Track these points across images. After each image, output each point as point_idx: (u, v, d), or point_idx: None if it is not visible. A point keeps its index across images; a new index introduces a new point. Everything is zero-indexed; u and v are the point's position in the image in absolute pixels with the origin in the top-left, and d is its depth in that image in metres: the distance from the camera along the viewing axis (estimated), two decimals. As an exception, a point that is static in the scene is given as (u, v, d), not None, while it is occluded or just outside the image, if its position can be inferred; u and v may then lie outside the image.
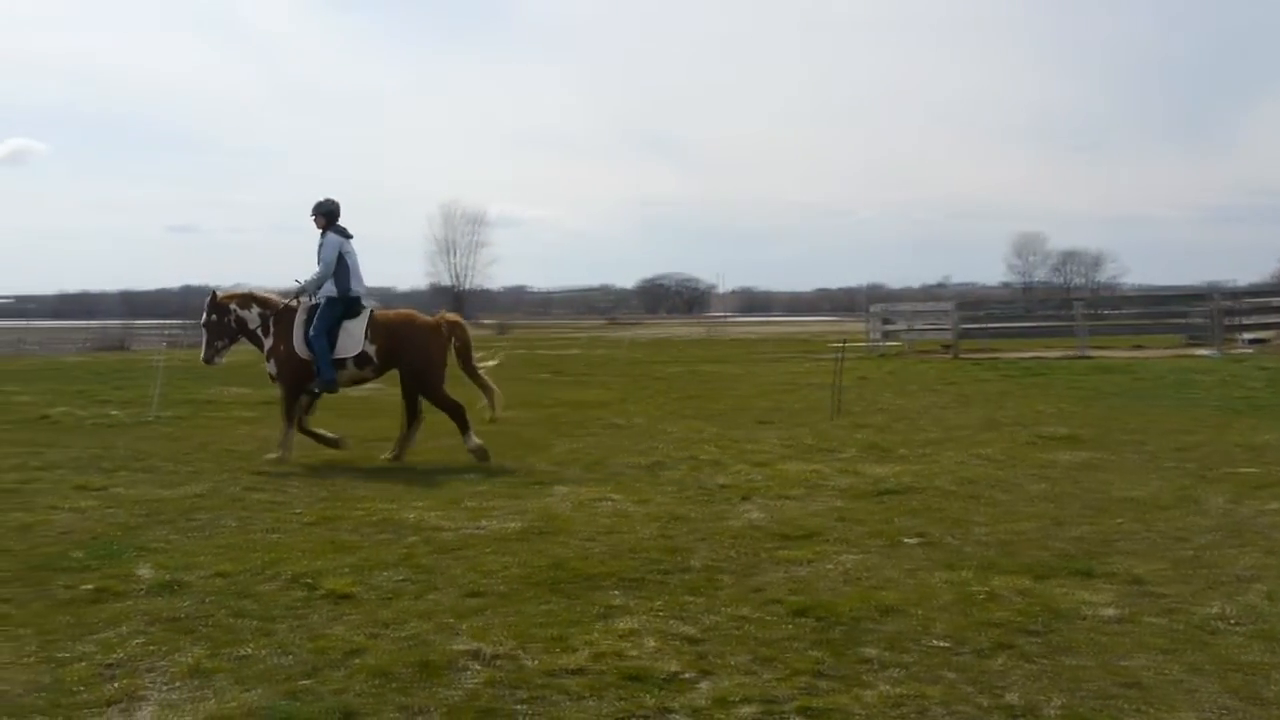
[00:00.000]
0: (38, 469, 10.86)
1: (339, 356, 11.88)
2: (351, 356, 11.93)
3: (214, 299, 12.32)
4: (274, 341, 12.10)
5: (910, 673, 5.04)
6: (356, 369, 12.06)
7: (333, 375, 11.88)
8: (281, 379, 12.08)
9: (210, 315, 12.30)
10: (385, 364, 12.12)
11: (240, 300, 12.30)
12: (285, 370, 12.01)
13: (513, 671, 5.03)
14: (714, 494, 9.53)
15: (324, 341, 11.81)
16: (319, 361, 11.82)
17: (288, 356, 11.97)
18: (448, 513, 8.64)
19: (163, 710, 4.60)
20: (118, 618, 5.86)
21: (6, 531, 7.92)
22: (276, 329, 12.12)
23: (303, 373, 11.96)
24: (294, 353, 11.93)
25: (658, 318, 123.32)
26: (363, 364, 12.02)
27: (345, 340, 11.91)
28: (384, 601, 6.17)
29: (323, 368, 11.83)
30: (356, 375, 12.17)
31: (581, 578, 6.64)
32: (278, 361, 12.07)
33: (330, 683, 4.89)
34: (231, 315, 12.25)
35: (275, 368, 12.11)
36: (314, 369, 11.89)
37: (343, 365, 11.94)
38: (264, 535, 7.90)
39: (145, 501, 9.14)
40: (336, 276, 11.94)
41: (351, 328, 11.96)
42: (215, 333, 12.30)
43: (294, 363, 11.95)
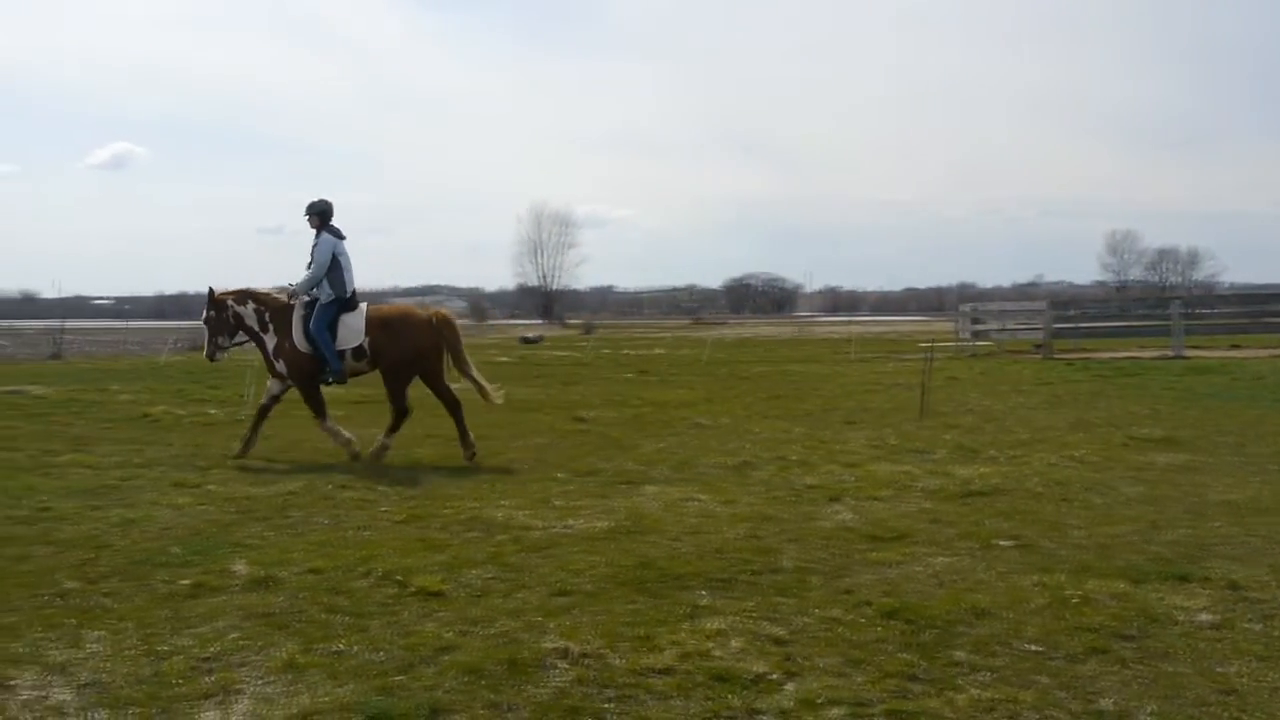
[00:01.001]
0: (139, 466, 11.13)
1: (340, 348, 12.16)
2: (351, 348, 12.22)
3: (212, 296, 12.60)
4: (278, 339, 12.38)
5: (1001, 677, 4.96)
6: (355, 361, 12.32)
7: (340, 366, 12.15)
8: (293, 378, 12.36)
9: (209, 312, 12.59)
10: (378, 355, 12.33)
11: (237, 297, 12.55)
12: (294, 367, 12.29)
13: (600, 670, 5.05)
14: (802, 494, 9.48)
15: (326, 335, 12.10)
16: (324, 352, 12.10)
17: (293, 353, 12.26)
18: (536, 511, 8.69)
19: (258, 704, 4.68)
20: (214, 612, 5.98)
21: (109, 527, 8.12)
22: (276, 326, 12.41)
23: (311, 367, 12.25)
24: (296, 348, 12.22)
25: (744, 317, 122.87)
26: (359, 356, 12.29)
27: (345, 333, 12.19)
28: (473, 599, 6.22)
29: (329, 358, 12.11)
30: (354, 367, 12.41)
31: (669, 577, 6.64)
32: (286, 360, 12.34)
33: (421, 679, 4.94)
34: (229, 311, 12.52)
35: (285, 367, 12.38)
36: (320, 362, 12.17)
37: (343, 357, 12.22)
38: (355, 532, 8.02)
39: (240, 499, 9.33)
40: (331, 278, 12.21)
41: (351, 321, 12.24)
42: (216, 329, 12.58)
43: (300, 358, 12.24)
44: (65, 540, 7.69)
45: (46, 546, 7.50)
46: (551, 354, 39.52)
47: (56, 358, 34.73)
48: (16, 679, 4.94)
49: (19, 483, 9.91)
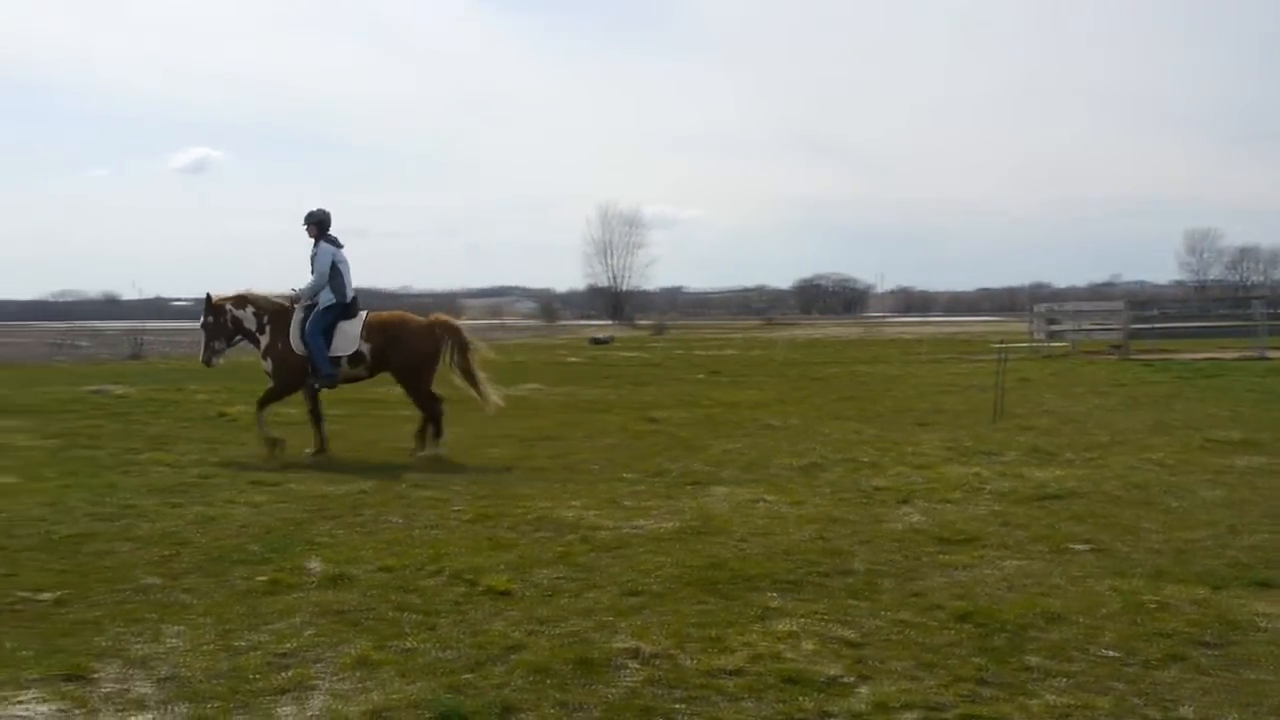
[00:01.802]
0: (216, 465, 11.32)
1: (334, 354, 12.34)
2: (346, 355, 12.40)
3: (210, 301, 12.78)
4: (270, 339, 12.56)
5: (1077, 683, 4.90)
6: (349, 367, 12.50)
7: (330, 370, 12.35)
8: (276, 376, 12.54)
9: (207, 317, 12.79)
10: (378, 363, 12.54)
11: (235, 301, 12.74)
12: (281, 368, 12.48)
13: (671, 671, 5.05)
14: (872, 496, 9.42)
15: (319, 340, 12.27)
16: (315, 358, 12.27)
17: (284, 354, 12.44)
18: (605, 512, 8.72)
19: (332, 700, 4.74)
20: (290, 609, 6.07)
21: (188, 524, 8.27)
22: (273, 327, 12.58)
23: (300, 369, 12.40)
24: (291, 350, 12.40)
25: (814, 318, 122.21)
26: (356, 362, 12.47)
27: (340, 340, 12.39)
28: (543, 599, 6.25)
29: (319, 364, 12.28)
30: (350, 373, 12.61)
31: (739, 578, 6.63)
32: (274, 359, 12.54)
33: (491, 678, 4.97)
34: (227, 316, 12.72)
35: (271, 365, 12.57)
36: (310, 365, 12.33)
37: (337, 363, 12.41)
38: (426, 531, 8.09)
39: (315, 497, 9.45)
40: (332, 284, 12.40)
41: (347, 328, 12.42)
42: (213, 334, 12.78)
43: (291, 360, 12.41)
44: (145, 537, 7.85)
45: (128, 543, 7.65)
46: (621, 355, 39.58)
47: (136, 358, 35.39)
48: (99, 672, 5.05)
49: (101, 480, 10.12)
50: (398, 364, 12.49)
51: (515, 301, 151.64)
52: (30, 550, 7.39)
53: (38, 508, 8.80)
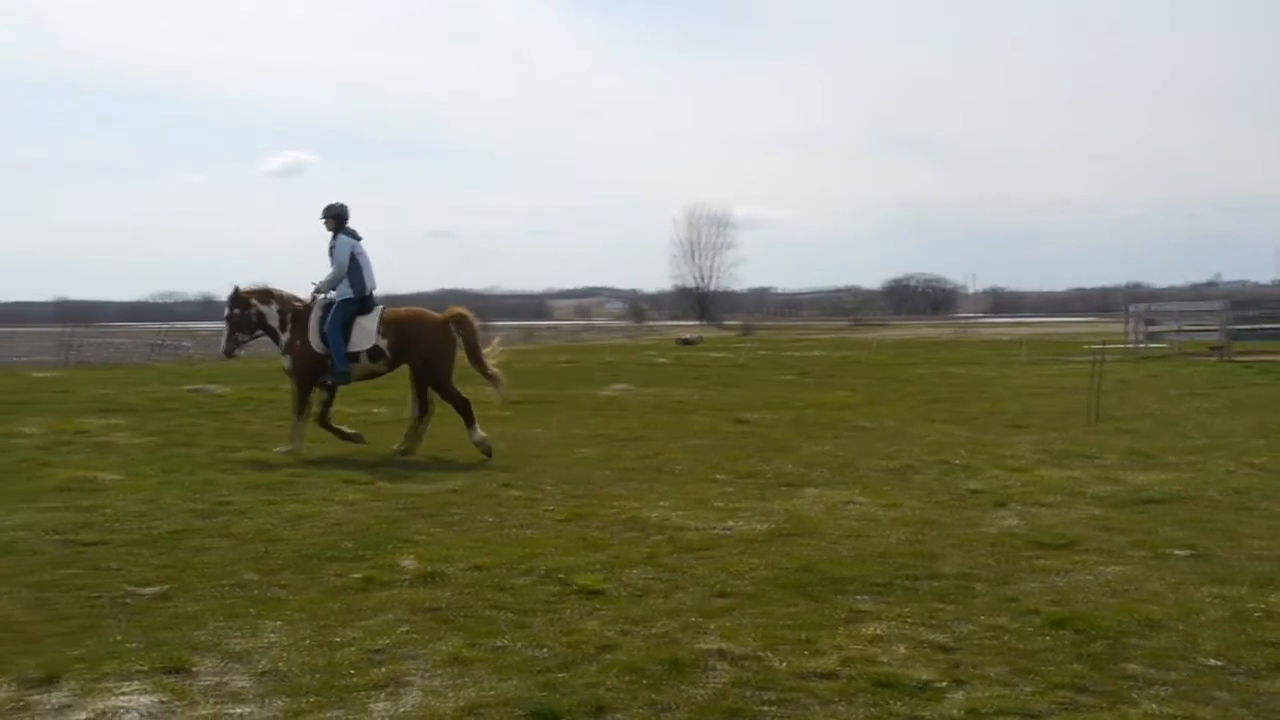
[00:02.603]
0: (310, 463, 11.50)
1: (353, 350, 12.51)
2: (365, 350, 12.58)
3: (237, 294, 12.93)
4: (290, 336, 12.74)
5: (1178, 691, 4.79)
6: (369, 362, 12.67)
7: (345, 368, 12.50)
8: (296, 372, 12.70)
9: (233, 309, 12.94)
10: (396, 358, 12.69)
11: (260, 296, 12.92)
12: (300, 364, 12.64)
13: (760, 673, 5.03)
14: (965, 499, 9.30)
15: (339, 336, 12.42)
16: (333, 355, 12.42)
17: (303, 351, 12.60)
18: (695, 513, 8.70)
19: (426, 696, 4.78)
20: (383, 606, 6.14)
21: (283, 522, 8.41)
22: (294, 325, 12.76)
23: (317, 366, 12.56)
24: (309, 347, 12.56)
25: (904, 318, 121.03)
26: (375, 358, 12.63)
27: (359, 335, 12.56)
28: (634, 599, 6.26)
29: (336, 361, 12.43)
30: (369, 368, 12.78)
31: (829, 581, 6.58)
32: (293, 356, 12.70)
33: (583, 676, 4.98)
34: (253, 310, 12.88)
35: (290, 362, 12.75)
36: (328, 362, 12.48)
37: (356, 358, 12.58)
38: (518, 530, 8.14)
39: (407, 496, 9.56)
40: (350, 277, 12.56)
41: (365, 323, 12.58)
42: (236, 326, 12.95)
43: (309, 356, 12.57)
44: (242, 533, 7.99)
45: (225, 539, 7.80)
46: (709, 355, 39.53)
47: (232, 357, 36.05)
48: (199, 665, 5.14)
49: (199, 478, 10.34)
50: (415, 359, 12.65)
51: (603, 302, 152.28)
52: (133, 545, 7.56)
53: (139, 504, 9.01)
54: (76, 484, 9.78)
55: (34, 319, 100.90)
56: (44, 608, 6.05)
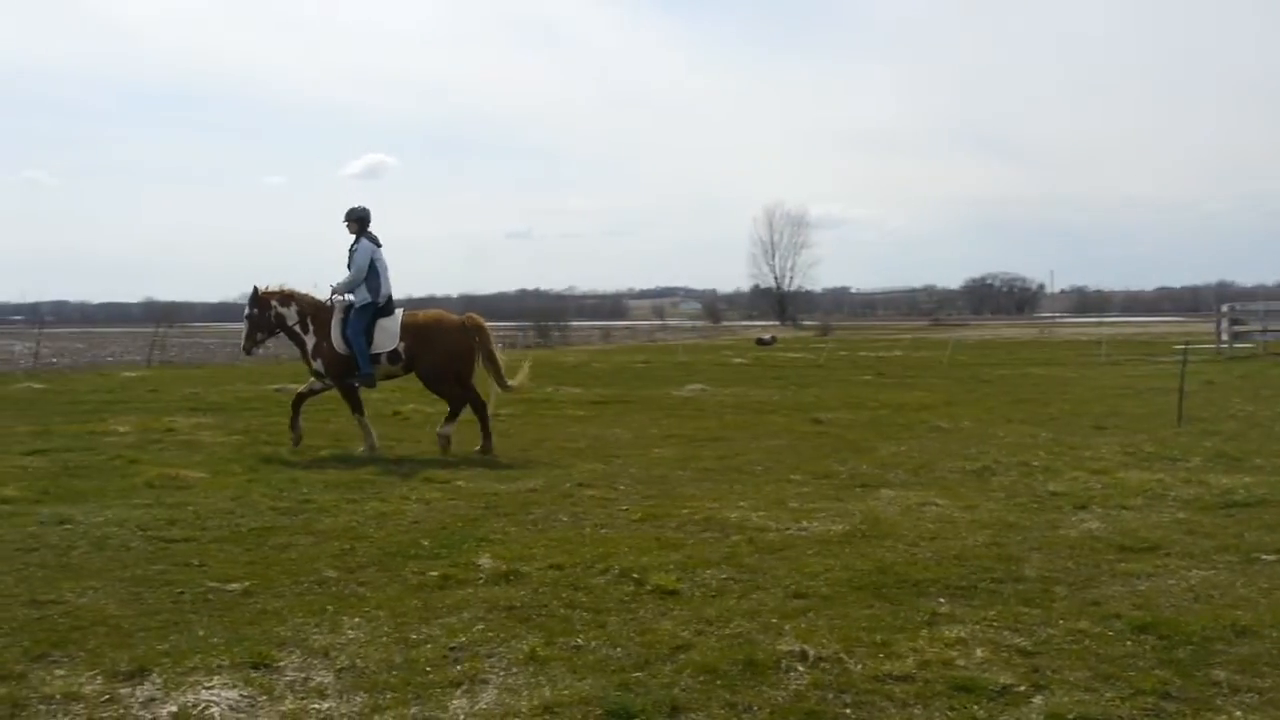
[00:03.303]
0: (390, 462, 11.64)
1: (376, 352, 12.64)
2: (386, 352, 12.73)
3: (257, 294, 13.10)
4: (317, 340, 12.87)
5: (1268, 699, 4.68)
6: (389, 364, 12.82)
7: (370, 370, 12.70)
8: (331, 376, 12.85)
9: (253, 309, 13.11)
10: (411, 361, 12.82)
11: (281, 298, 13.06)
12: (331, 365, 12.79)
13: (838, 675, 5.00)
14: (1046, 502, 9.17)
15: (362, 339, 12.57)
16: (358, 358, 12.58)
17: (330, 351, 12.75)
18: (771, 513, 8.67)
19: (503, 694, 4.82)
20: (461, 604, 6.19)
21: (365, 520, 8.52)
22: (316, 327, 12.89)
23: (345, 367, 12.71)
24: (334, 349, 12.70)
25: (984, 318, 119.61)
26: (395, 360, 12.78)
27: (382, 337, 12.72)
28: (709, 599, 6.25)
29: (361, 364, 12.60)
30: (389, 370, 12.95)
31: (907, 583, 6.53)
32: (323, 358, 12.84)
33: (659, 676, 4.99)
34: (272, 311, 13.04)
35: (323, 366, 12.87)
36: (353, 364, 12.64)
37: (378, 361, 12.73)
38: (594, 530, 8.17)
39: (485, 494, 9.63)
40: (368, 282, 12.65)
41: (387, 325, 12.72)
42: (256, 325, 13.13)
43: (336, 358, 12.71)
44: (324, 530, 8.11)
45: (307, 536, 7.92)
46: (786, 355, 39.39)
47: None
48: (282, 661, 5.23)
49: (283, 475, 10.51)
50: (431, 361, 12.79)
51: (680, 302, 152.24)
52: (219, 542, 7.71)
53: (225, 501, 9.19)
54: (164, 481, 10.00)
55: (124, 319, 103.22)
56: (134, 602, 6.19)
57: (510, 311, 77.25)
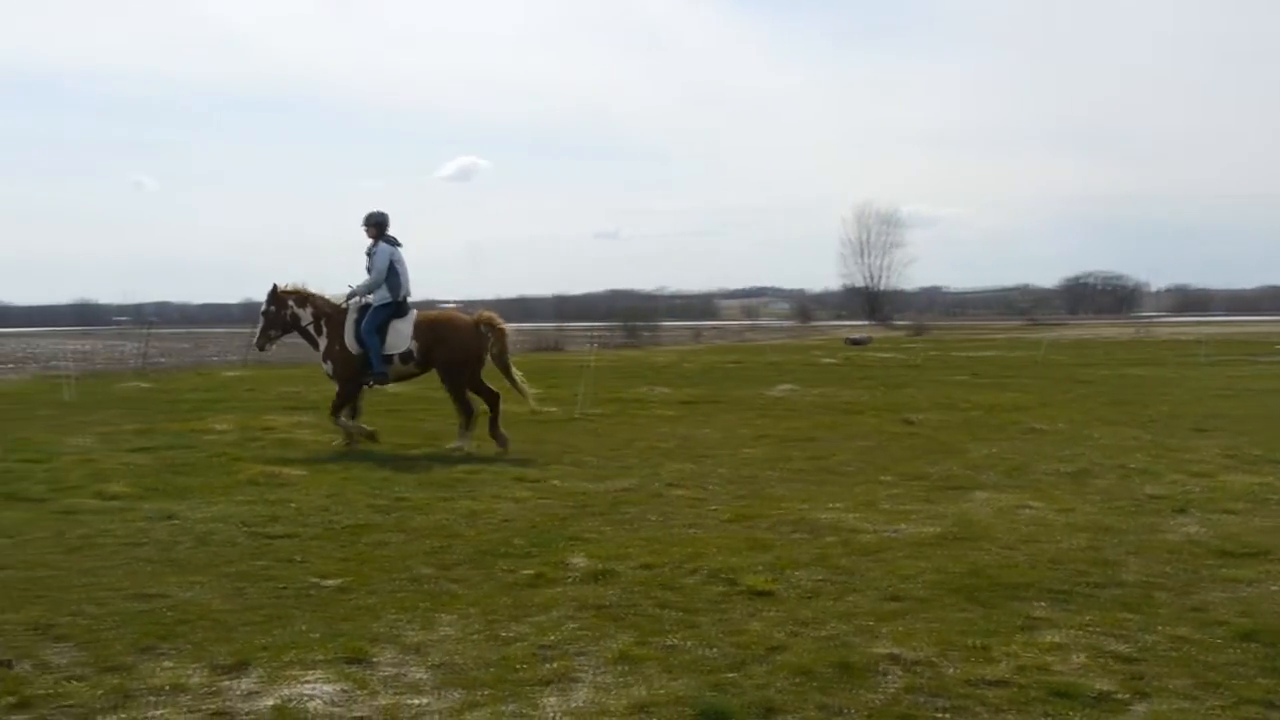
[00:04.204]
0: (483, 461, 11.74)
1: (389, 353, 12.89)
2: (399, 352, 13.02)
3: (275, 292, 13.37)
4: (329, 342, 13.12)
5: (1379, 710, 4.54)
6: (402, 364, 13.10)
7: (384, 369, 12.97)
8: (338, 377, 13.09)
9: (270, 306, 13.42)
10: (426, 360, 13.10)
11: (298, 298, 13.35)
12: (341, 368, 13.03)
13: (933, 679, 4.95)
14: (1144, 505, 9.00)
15: (375, 338, 12.80)
16: (371, 356, 12.79)
17: (342, 354, 12.98)
18: (864, 515, 8.61)
19: (595, 693, 4.84)
20: (553, 602, 6.24)
21: (458, 518, 8.61)
22: (329, 330, 13.13)
23: (356, 368, 12.93)
24: (347, 350, 12.94)
25: (1081, 318, 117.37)
26: (407, 359, 13.06)
27: (394, 338, 13.01)
28: (802, 600, 6.23)
29: (374, 362, 12.82)
30: (403, 370, 13.23)
31: (1002, 587, 6.44)
32: (334, 361, 13.09)
33: (753, 677, 4.98)
34: (287, 311, 13.34)
35: (332, 368, 13.14)
36: (366, 363, 12.86)
37: (391, 360, 13.01)
38: (685, 530, 8.17)
39: (576, 494, 9.69)
40: (389, 283, 12.90)
41: (400, 326, 12.96)
42: (271, 322, 13.45)
43: (348, 359, 12.95)
44: (418, 528, 8.22)
45: (402, 534, 8.04)
46: (878, 356, 39.05)
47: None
48: (378, 656, 5.31)
49: (379, 474, 10.66)
50: (444, 360, 13.02)
51: (770, 302, 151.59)
52: (317, 539, 7.86)
53: (322, 498, 9.35)
54: (265, 479, 10.22)
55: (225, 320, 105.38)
56: (236, 597, 6.34)
57: (600, 312, 77.40)
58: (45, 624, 5.79)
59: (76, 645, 5.46)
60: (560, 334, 54.10)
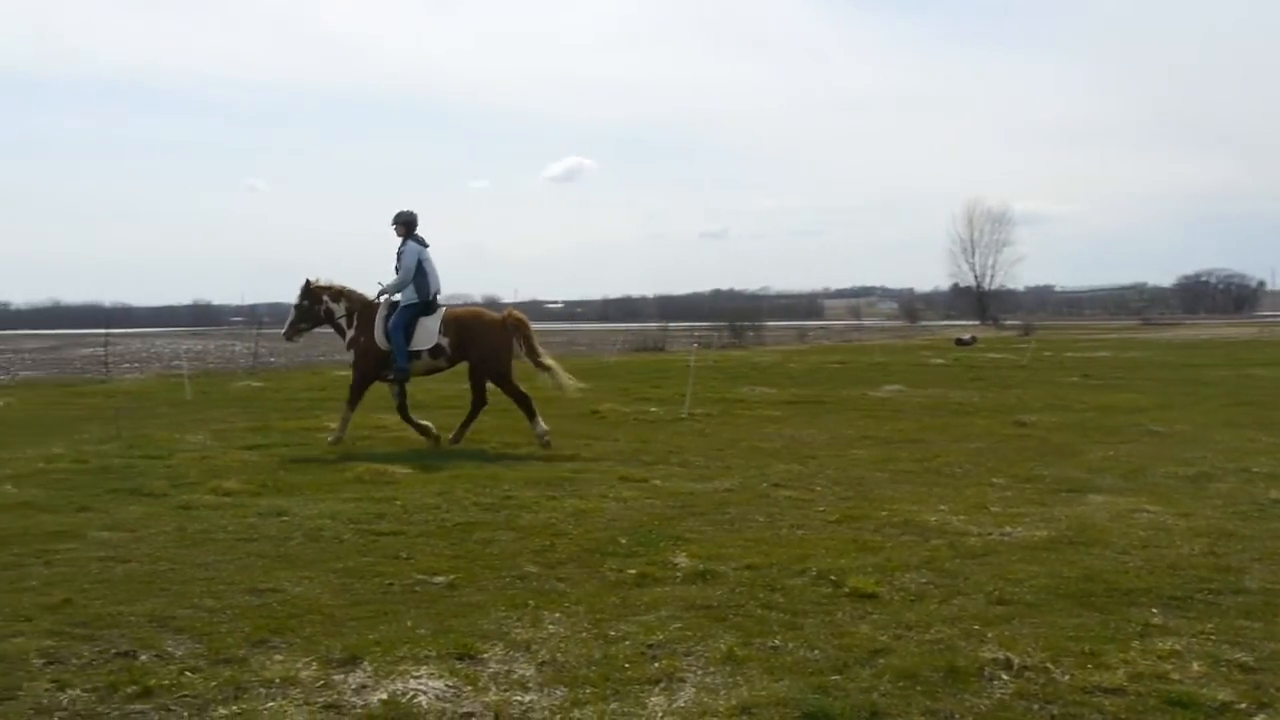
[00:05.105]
0: (589, 460, 11.82)
1: (416, 348, 13.21)
2: (427, 348, 13.24)
3: (308, 286, 13.64)
4: (355, 333, 13.38)
5: None
6: (431, 359, 13.33)
7: (406, 365, 13.17)
8: (357, 366, 13.50)
9: (303, 300, 13.68)
10: (456, 355, 13.34)
11: (332, 293, 13.62)
12: (362, 359, 13.34)
13: (1044, 685, 4.85)
14: (1268, 509, 8.73)
15: (401, 335, 13.10)
16: (396, 353, 13.09)
17: (366, 346, 13.34)
18: (973, 517, 8.48)
19: (700, 693, 4.82)
20: (658, 602, 6.23)
21: (564, 516, 8.66)
22: (360, 322, 13.38)
23: (380, 362, 13.28)
24: (374, 344, 13.30)
25: (1198, 317, 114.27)
26: (437, 355, 13.29)
27: (422, 334, 13.22)
28: (909, 603, 6.15)
29: (398, 357, 13.11)
30: (431, 365, 13.45)
31: (1117, 592, 6.29)
32: (357, 351, 13.36)
33: (857, 680, 4.93)
34: (322, 306, 13.63)
35: (355, 357, 13.41)
36: (391, 359, 13.06)
37: (418, 356, 13.26)
38: (790, 531, 8.12)
39: (680, 494, 9.68)
40: (416, 283, 13.09)
41: (428, 323, 13.24)
42: (302, 315, 13.73)
43: (373, 352, 13.30)
44: (525, 526, 8.28)
45: (509, 532, 8.10)
46: (987, 356, 38.43)
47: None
48: (486, 653, 5.36)
49: (486, 472, 10.78)
50: (473, 357, 13.27)
51: (875, 302, 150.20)
52: (425, 536, 7.95)
53: (430, 496, 9.47)
54: (373, 476, 10.40)
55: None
56: (346, 592, 6.44)
57: (704, 311, 77.40)
58: (165, 616, 5.95)
59: (193, 637, 5.59)
60: (664, 334, 54.09)
